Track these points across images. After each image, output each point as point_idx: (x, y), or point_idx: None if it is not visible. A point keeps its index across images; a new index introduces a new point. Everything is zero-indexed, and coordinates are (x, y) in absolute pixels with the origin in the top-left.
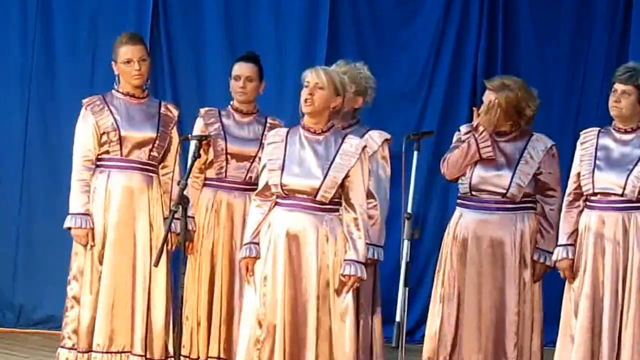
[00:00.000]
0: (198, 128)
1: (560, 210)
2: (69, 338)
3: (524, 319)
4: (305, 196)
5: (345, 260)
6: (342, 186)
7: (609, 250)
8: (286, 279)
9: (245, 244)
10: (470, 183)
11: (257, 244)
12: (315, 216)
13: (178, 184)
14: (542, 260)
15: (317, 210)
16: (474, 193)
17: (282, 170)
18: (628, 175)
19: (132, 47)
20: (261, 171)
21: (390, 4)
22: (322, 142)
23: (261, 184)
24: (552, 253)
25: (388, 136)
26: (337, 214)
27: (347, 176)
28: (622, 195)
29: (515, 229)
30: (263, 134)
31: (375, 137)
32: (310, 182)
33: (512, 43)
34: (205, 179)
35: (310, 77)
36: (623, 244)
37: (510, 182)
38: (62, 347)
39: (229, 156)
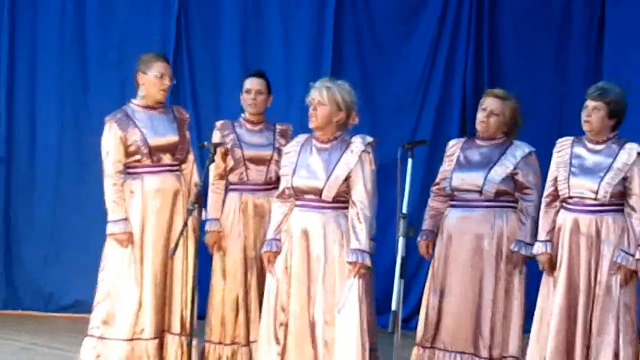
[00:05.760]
0: (216, 138)
1: (536, 205)
2: (98, 328)
3: (500, 307)
4: (312, 196)
5: (350, 249)
6: (348, 186)
7: (583, 247)
8: (299, 272)
9: (268, 240)
10: (451, 185)
11: (279, 240)
12: (323, 214)
13: (195, 186)
14: (516, 249)
15: (324, 208)
16: (456, 193)
17: (293, 174)
18: (600, 182)
19: (166, 64)
20: (281, 177)
21: (388, 24)
22: (328, 149)
23: (281, 188)
24: (528, 244)
25: (370, 139)
26: (344, 211)
27: (348, 176)
28: (595, 199)
29: (494, 224)
30: (275, 138)
31: (358, 141)
32: (314, 182)
33: (497, 60)
34: (230, 183)
35: (313, 94)
36: (595, 242)
37: (484, 181)
38: (92, 335)
39: (247, 162)
